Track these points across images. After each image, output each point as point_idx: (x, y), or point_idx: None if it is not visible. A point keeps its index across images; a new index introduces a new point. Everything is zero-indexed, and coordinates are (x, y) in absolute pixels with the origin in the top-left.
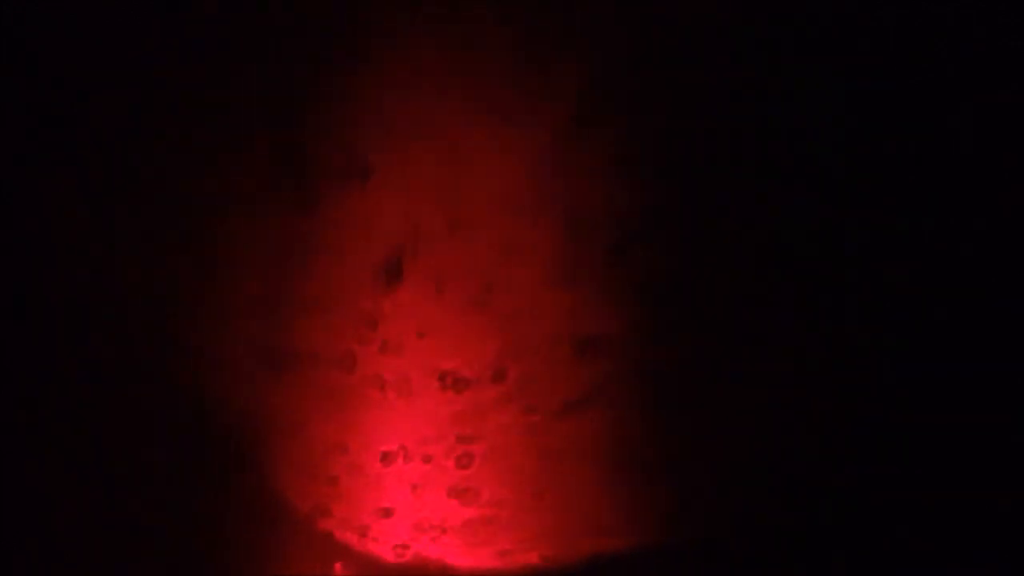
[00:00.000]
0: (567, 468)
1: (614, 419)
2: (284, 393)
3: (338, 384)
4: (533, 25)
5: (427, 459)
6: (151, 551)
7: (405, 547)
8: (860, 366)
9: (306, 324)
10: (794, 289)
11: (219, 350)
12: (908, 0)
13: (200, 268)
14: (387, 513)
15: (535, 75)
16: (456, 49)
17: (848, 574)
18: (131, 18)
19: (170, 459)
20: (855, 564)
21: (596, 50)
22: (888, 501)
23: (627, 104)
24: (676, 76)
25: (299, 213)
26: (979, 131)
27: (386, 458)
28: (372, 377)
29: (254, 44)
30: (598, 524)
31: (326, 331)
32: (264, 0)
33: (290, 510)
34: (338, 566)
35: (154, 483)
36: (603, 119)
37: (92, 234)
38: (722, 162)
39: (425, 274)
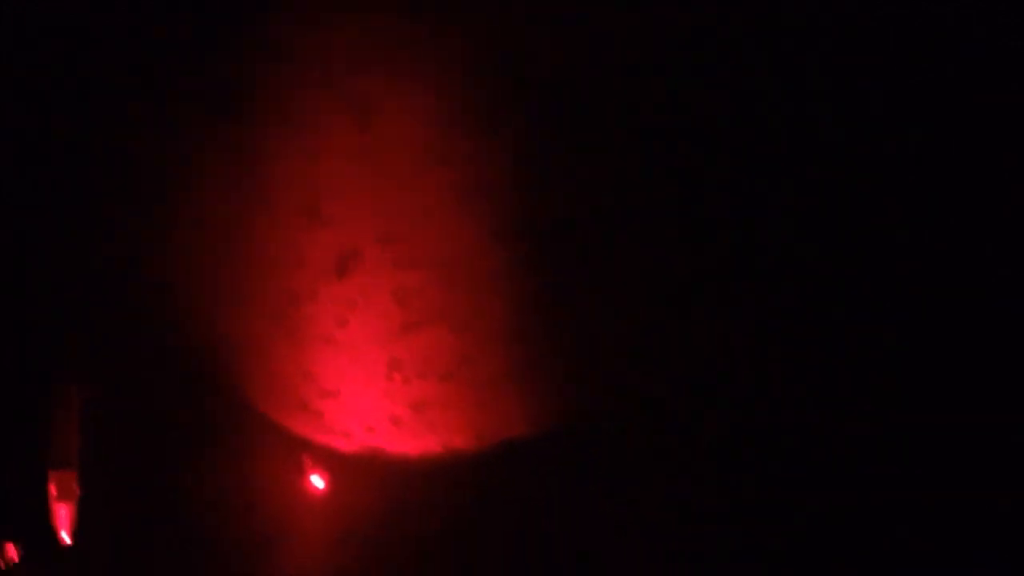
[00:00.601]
0: None
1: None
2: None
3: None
4: None
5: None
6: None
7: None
8: (860, 366)
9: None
10: (794, 289)
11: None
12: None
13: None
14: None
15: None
16: None
17: (848, 574)
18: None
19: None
20: (855, 564)
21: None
22: (888, 501)
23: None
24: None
25: None
26: (979, 131)
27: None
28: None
29: None
30: None
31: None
32: None
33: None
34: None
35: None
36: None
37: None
38: (722, 160)
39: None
